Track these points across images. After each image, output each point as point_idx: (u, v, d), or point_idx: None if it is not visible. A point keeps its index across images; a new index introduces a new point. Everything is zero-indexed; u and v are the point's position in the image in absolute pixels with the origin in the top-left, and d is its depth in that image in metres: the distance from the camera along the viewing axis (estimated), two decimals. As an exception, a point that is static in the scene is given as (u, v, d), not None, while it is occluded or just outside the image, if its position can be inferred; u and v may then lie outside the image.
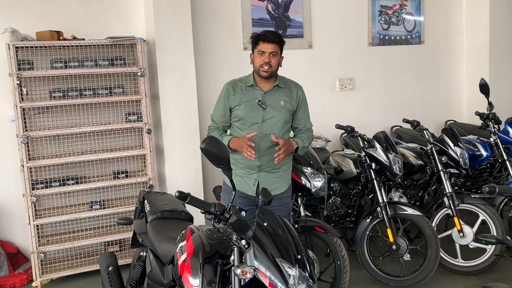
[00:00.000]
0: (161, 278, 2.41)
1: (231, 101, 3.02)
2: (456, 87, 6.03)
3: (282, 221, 2.09)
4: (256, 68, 2.97)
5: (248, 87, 3.02)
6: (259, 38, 2.94)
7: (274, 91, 3.02)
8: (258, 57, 2.94)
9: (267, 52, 2.91)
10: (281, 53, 2.99)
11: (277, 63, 2.97)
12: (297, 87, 3.12)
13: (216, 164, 2.05)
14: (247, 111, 2.96)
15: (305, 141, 3.06)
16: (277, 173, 3.04)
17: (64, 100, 3.95)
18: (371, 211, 3.78)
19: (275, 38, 2.91)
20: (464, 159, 4.00)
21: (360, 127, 5.14)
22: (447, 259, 3.90)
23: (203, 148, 2.00)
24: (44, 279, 4.03)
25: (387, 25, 5.55)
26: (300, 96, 3.10)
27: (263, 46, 2.92)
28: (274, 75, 3.00)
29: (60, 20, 4.20)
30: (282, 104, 3.00)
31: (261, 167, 3.00)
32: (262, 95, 2.98)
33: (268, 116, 2.97)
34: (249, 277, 1.87)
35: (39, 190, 3.92)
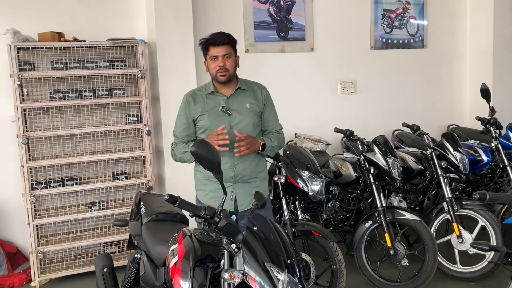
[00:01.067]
0: (154, 281, 2.41)
1: (193, 112, 2.83)
2: (459, 92, 6.00)
3: (274, 226, 2.08)
4: (213, 74, 2.79)
5: (209, 94, 2.84)
6: (209, 43, 2.75)
7: (237, 94, 2.85)
8: (212, 63, 2.76)
9: (220, 56, 2.73)
10: (235, 53, 2.83)
11: (233, 64, 2.79)
12: (260, 87, 2.96)
13: (206, 167, 2.04)
14: (212, 120, 2.77)
15: (273, 140, 2.89)
16: (254, 182, 2.87)
17: (64, 101, 3.97)
18: (370, 215, 3.76)
19: (225, 39, 2.74)
20: (464, 164, 3.97)
21: (361, 131, 5.13)
22: (446, 264, 3.87)
23: (193, 152, 1.99)
24: (43, 279, 4.05)
25: (390, 28, 5.53)
26: (265, 96, 2.93)
27: (214, 50, 2.73)
28: (233, 77, 2.83)
29: (62, 22, 4.22)
30: (248, 106, 2.84)
31: (236, 177, 2.81)
32: (225, 100, 2.81)
33: (235, 122, 2.79)
34: (238, 281, 1.87)
35: (38, 191, 3.94)
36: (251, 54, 4.94)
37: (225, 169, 2.74)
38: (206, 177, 2.86)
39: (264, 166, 2.99)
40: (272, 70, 5.04)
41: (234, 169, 2.81)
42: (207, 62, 2.83)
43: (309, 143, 4.65)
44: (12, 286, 4.05)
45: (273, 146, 2.90)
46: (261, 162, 2.93)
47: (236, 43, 2.85)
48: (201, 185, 2.90)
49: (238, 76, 2.93)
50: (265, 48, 5.00)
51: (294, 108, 5.17)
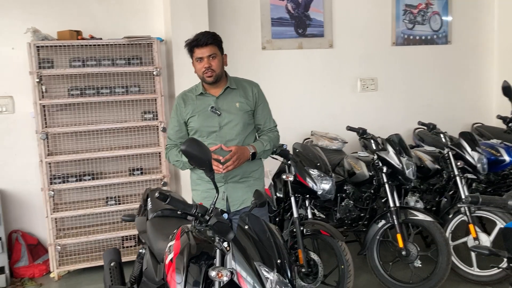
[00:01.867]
0: (154, 276, 2.45)
1: (184, 114, 2.82)
2: (486, 89, 5.81)
3: (267, 226, 2.07)
4: (200, 76, 2.77)
5: (199, 95, 2.81)
6: (192, 45, 2.72)
7: (226, 94, 2.80)
8: (198, 64, 2.74)
9: (204, 57, 2.69)
10: (222, 52, 2.78)
11: (220, 64, 2.74)
12: (251, 85, 2.89)
13: (198, 166, 2.05)
14: (201, 121, 2.75)
15: (266, 144, 2.82)
16: (247, 182, 2.82)
17: (81, 98, 4.07)
18: (382, 215, 3.70)
19: (208, 39, 2.68)
20: (483, 164, 3.85)
21: (381, 129, 5.05)
22: (462, 267, 3.77)
23: (183, 150, 2.00)
24: (61, 270, 4.17)
25: (412, 24, 5.40)
26: (257, 94, 2.87)
27: (198, 51, 2.70)
28: (221, 77, 2.78)
29: (81, 20, 4.32)
30: (238, 105, 2.79)
31: (227, 177, 2.76)
32: (214, 100, 2.78)
33: (224, 122, 2.76)
34: (226, 279, 1.87)
35: (57, 185, 4.06)
36: (268, 51, 4.93)
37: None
38: (199, 177, 2.86)
39: (259, 165, 2.93)
40: (290, 67, 5.02)
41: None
42: (193, 63, 2.80)
43: (325, 141, 4.61)
44: (33, 276, 4.20)
45: (265, 150, 2.84)
46: (255, 162, 2.86)
47: (221, 41, 2.80)
48: (195, 185, 2.91)
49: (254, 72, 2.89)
50: (283, 45, 4.97)
51: (312, 105, 5.14)
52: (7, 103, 4.24)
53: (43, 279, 4.19)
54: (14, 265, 4.18)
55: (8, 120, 4.27)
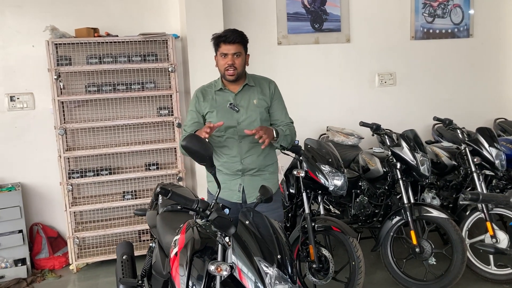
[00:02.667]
0: (162, 270, 2.49)
1: (202, 108, 2.87)
2: (509, 83, 5.66)
3: (269, 222, 2.08)
4: (221, 71, 2.82)
5: (218, 91, 2.87)
6: (220, 40, 2.77)
7: (245, 91, 2.86)
8: (222, 60, 2.79)
9: (229, 54, 2.75)
10: (245, 51, 2.84)
11: (243, 63, 2.81)
12: (268, 82, 2.95)
13: (198, 161, 2.07)
14: (220, 117, 2.80)
15: (285, 130, 2.85)
16: (262, 175, 2.88)
17: (98, 94, 4.14)
18: (396, 211, 3.66)
19: (236, 37, 2.75)
20: (501, 160, 3.76)
21: (400, 125, 4.99)
22: (479, 265, 3.70)
23: (183, 146, 2.03)
24: (80, 262, 4.27)
25: (432, 18, 5.30)
26: (273, 91, 2.92)
27: (224, 48, 2.76)
28: (241, 76, 2.83)
29: (98, 17, 4.39)
30: (256, 102, 2.85)
31: (244, 171, 2.83)
32: (233, 97, 2.84)
33: (243, 118, 2.81)
34: (225, 274, 1.89)
35: (75, 179, 4.16)
36: (283, 46, 4.91)
37: (233, 162, 2.80)
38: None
39: (274, 159, 2.98)
40: (306, 62, 4.99)
41: (242, 163, 2.83)
42: (217, 57, 2.85)
43: (341, 137, 4.58)
44: (53, 268, 4.31)
45: (286, 135, 2.85)
46: (270, 155, 2.92)
47: (247, 42, 2.86)
48: (211, 176, 2.92)
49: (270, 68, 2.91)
50: (299, 40, 4.95)
51: (328, 101, 5.11)
52: (28, 99, 4.35)
53: (62, 271, 4.30)
54: (35, 257, 4.31)
55: (28, 116, 4.39)
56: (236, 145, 2.80)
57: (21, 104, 4.34)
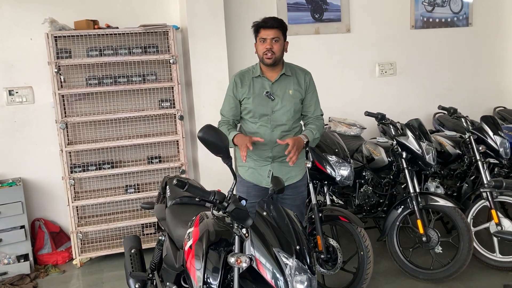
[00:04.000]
0: (174, 263, 2.47)
1: (239, 94, 2.95)
2: (508, 72, 5.68)
3: (285, 212, 2.07)
4: (260, 56, 2.90)
5: (255, 78, 2.95)
6: (259, 26, 2.87)
7: (281, 80, 2.94)
8: (261, 45, 2.87)
9: (268, 39, 2.83)
10: (284, 38, 2.91)
11: (281, 49, 2.88)
12: (304, 73, 3.02)
13: (214, 153, 2.05)
14: (256, 104, 2.90)
15: (315, 132, 2.96)
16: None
17: (99, 87, 4.09)
18: (402, 201, 3.66)
19: (275, 23, 2.84)
20: (505, 148, 3.77)
21: (401, 114, 5.00)
22: (484, 253, 3.71)
23: (200, 137, 2.00)
24: (83, 257, 4.24)
25: (431, 6, 5.29)
26: (308, 82, 3.00)
27: (264, 33, 2.85)
28: (279, 61, 2.92)
29: (97, 9, 4.33)
30: (291, 93, 2.93)
31: (274, 158, 2.95)
32: (270, 85, 2.92)
33: (277, 107, 2.90)
34: (245, 266, 1.88)
35: (77, 174, 4.11)
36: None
37: (263, 150, 2.91)
38: (247, 155, 2.90)
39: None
40: (307, 52, 4.95)
41: (272, 151, 2.93)
42: (256, 44, 2.92)
43: (343, 127, 4.57)
44: (56, 263, 4.28)
45: (315, 138, 2.97)
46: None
47: (287, 29, 2.93)
48: (242, 161, 2.95)
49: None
50: (299, 30, 4.92)
51: (330, 91, 5.06)
52: (27, 93, 4.29)
53: (66, 266, 4.27)
54: (38, 253, 4.27)
55: (28, 110, 4.33)
56: (269, 133, 2.90)
57: (20, 98, 4.28)
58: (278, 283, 1.87)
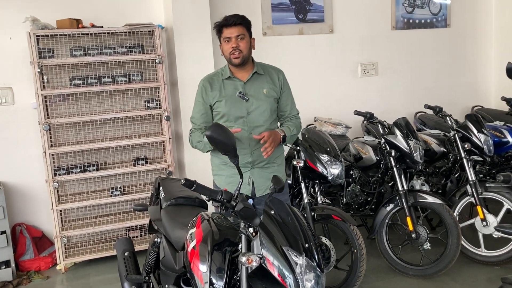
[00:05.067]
0: (173, 264, 2.42)
1: (210, 98, 2.80)
2: (484, 72, 5.83)
3: (291, 210, 2.06)
4: (227, 57, 2.75)
5: (226, 80, 2.80)
6: (221, 25, 2.72)
7: (254, 79, 2.80)
8: (226, 45, 2.72)
9: (233, 37, 2.68)
10: (250, 35, 2.77)
11: (248, 46, 2.73)
12: (277, 71, 2.90)
13: (222, 151, 2.03)
14: (229, 106, 2.75)
15: (292, 128, 2.85)
16: (271, 168, 2.86)
17: (84, 88, 4.00)
18: (391, 199, 3.71)
19: (237, 19, 2.69)
20: (489, 146, 3.87)
21: (383, 113, 5.05)
22: (470, 248, 3.80)
23: (208, 135, 1.98)
24: (67, 262, 4.13)
25: (412, 8, 5.39)
26: (282, 81, 2.88)
27: (227, 31, 2.69)
28: (248, 60, 2.77)
29: (80, 8, 4.23)
30: (265, 92, 2.80)
31: (253, 163, 2.80)
32: (242, 85, 2.78)
33: (252, 108, 2.77)
34: (255, 265, 1.86)
35: (61, 176, 4.01)
36: (269, 37, 4.88)
37: (242, 155, 2.74)
38: (222, 162, 2.85)
39: (281, 151, 2.97)
40: (291, 53, 4.98)
41: (252, 155, 2.80)
42: (221, 45, 2.78)
43: (328, 127, 4.60)
44: (39, 269, 4.15)
45: (292, 135, 2.87)
46: (279, 146, 2.89)
47: (251, 24, 2.79)
48: (218, 170, 2.90)
49: (255, 59, 2.87)
50: (283, 30, 4.93)
51: (314, 91, 5.12)
52: (6, 94, 4.16)
53: (49, 272, 4.15)
54: (20, 259, 4.14)
55: (7, 111, 4.20)
56: (246, 136, 2.76)
57: (-1, 99, 4.15)
58: (288, 281, 1.85)
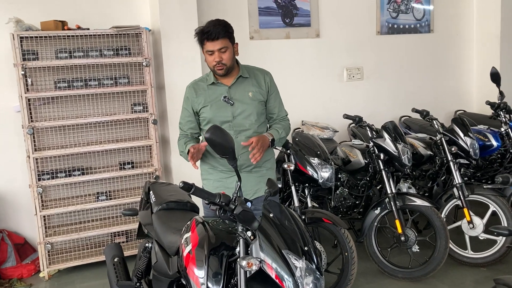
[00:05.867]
0: (167, 270, 2.38)
1: (196, 104, 2.78)
2: (467, 77, 5.94)
3: (289, 213, 2.05)
4: (211, 68, 2.73)
5: (210, 85, 2.77)
6: (203, 37, 2.63)
7: (239, 83, 2.78)
8: (209, 57, 2.68)
9: (215, 51, 2.63)
10: (233, 42, 2.71)
11: (231, 56, 2.69)
12: (263, 73, 2.86)
13: (220, 154, 2.01)
14: (214, 111, 2.73)
15: (281, 131, 2.83)
16: (259, 172, 2.83)
17: (69, 91, 3.92)
18: (379, 202, 3.73)
19: (220, 32, 2.60)
20: (474, 149, 3.93)
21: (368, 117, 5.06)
22: (457, 250, 3.84)
23: (207, 138, 1.96)
24: (51, 269, 4.04)
25: (396, 13, 5.46)
26: (269, 83, 2.84)
27: (209, 45, 2.63)
28: (232, 68, 2.74)
29: (65, 10, 4.16)
30: (251, 95, 2.77)
31: (240, 167, 2.74)
32: (227, 90, 2.75)
33: (238, 112, 2.74)
34: (255, 269, 1.84)
35: (45, 181, 3.91)
36: (256, 41, 4.88)
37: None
38: (211, 167, 2.83)
39: (271, 155, 2.94)
40: (278, 57, 4.98)
41: (239, 159, 2.72)
42: (204, 54, 2.73)
43: (316, 130, 4.61)
44: (21, 276, 4.05)
45: (281, 137, 2.84)
46: (268, 151, 2.86)
47: (233, 31, 2.72)
48: (207, 174, 2.88)
49: (240, 62, 2.84)
50: (270, 34, 4.94)
51: (301, 95, 5.12)
52: (-13, 97, 4.05)
53: (32, 279, 4.04)
54: (1, 266, 4.02)
55: (-12, 115, 4.09)
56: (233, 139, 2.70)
57: (-20, 102, 4.04)
58: (288, 284, 1.84)
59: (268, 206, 2.03)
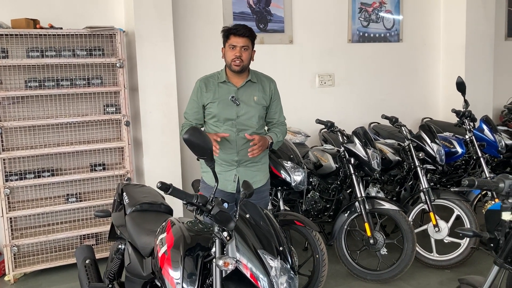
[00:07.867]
0: (140, 271, 2.38)
1: (204, 99, 2.98)
2: (433, 85, 6.13)
3: (264, 213, 2.09)
4: (228, 62, 2.93)
5: (221, 83, 2.98)
6: (230, 32, 2.89)
7: (247, 86, 2.99)
8: (230, 51, 2.90)
9: (238, 46, 2.86)
10: (252, 47, 2.96)
11: (249, 57, 2.93)
12: (269, 81, 3.11)
13: (199, 155, 2.03)
14: (220, 108, 2.94)
15: (279, 135, 3.06)
16: (256, 166, 3.04)
17: (40, 90, 3.85)
18: (349, 205, 3.82)
19: (246, 32, 2.87)
20: (441, 155, 4.07)
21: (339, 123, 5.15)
22: (422, 253, 3.96)
23: (186, 139, 1.98)
24: (17, 272, 3.94)
25: (367, 22, 5.60)
26: (273, 90, 3.09)
27: (234, 40, 2.87)
28: (246, 69, 2.97)
29: (38, 8, 4.09)
30: (256, 99, 2.99)
31: (239, 162, 2.98)
32: (235, 91, 2.96)
33: (242, 112, 2.95)
34: (231, 268, 1.87)
35: (13, 182, 3.83)
36: (230, 45, 4.90)
37: (229, 154, 2.93)
38: None
39: (265, 152, 3.12)
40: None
41: (238, 154, 2.96)
42: (225, 49, 2.95)
43: (288, 135, 4.66)
44: (-15, 280, 3.94)
45: (278, 141, 3.06)
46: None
47: (255, 38, 2.97)
48: (206, 167, 2.94)
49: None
50: (245, 39, 4.97)
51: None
52: (-46, 95, 3.94)
53: (-3, 283, 3.95)
54: (-36, 269, 3.91)
55: (-45, 113, 3.97)
56: (234, 137, 2.93)
57: None
58: (263, 284, 1.87)
59: (244, 207, 2.06)
